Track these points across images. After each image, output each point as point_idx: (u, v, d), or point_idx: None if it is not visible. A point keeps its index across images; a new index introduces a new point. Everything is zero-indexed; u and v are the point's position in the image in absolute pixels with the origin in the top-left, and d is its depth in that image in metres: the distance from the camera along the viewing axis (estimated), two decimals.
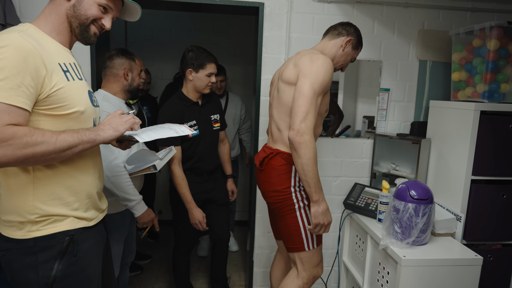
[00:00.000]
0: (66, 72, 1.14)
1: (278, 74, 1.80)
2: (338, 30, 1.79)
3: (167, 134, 1.27)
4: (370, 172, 2.50)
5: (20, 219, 1.12)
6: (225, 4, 2.26)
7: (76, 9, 1.17)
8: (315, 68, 1.56)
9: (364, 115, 2.49)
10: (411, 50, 2.44)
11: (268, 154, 1.71)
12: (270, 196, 1.72)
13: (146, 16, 3.83)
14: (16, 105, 0.99)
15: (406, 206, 1.78)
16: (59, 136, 1.06)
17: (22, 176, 1.11)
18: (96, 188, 1.29)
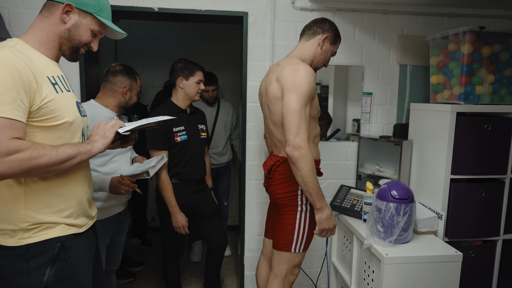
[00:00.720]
0: (54, 84, 1.19)
1: (265, 86, 1.83)
2: (313, 29, 1.80)
3: (147, 121, 1.37)
4: (355, 174, 2.57)
5: (12, 227, 1.16)
6: (210, 14, 2.33)
7: (71, 33, 1.24)
8: (297, 80, 1.58)
9: (353, 118, 2.56)
10: (391, 55, 2.52)
11: (275, 162, 1.78)
12: (278, 198, 1.80)
13: (135, 25, 3.89)
14: (15, 118, 1.05)
15: (387, 206, 1.84)
16: (59, 148, 1.13)
17: (15, 188, 1.16)
18: (86, 195, 1.33)
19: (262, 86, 1.88)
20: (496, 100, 2.11)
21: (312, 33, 1.80)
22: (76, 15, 1.24)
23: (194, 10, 2.32)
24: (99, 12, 1.27)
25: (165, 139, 2.17)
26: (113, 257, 2.10)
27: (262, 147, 2.48)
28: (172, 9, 2.30)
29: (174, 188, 2.23)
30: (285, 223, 1.79)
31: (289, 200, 1.77)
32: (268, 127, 1.85)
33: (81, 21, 1.25)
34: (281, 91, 1.63)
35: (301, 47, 1.83)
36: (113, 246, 2.06)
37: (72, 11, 1.23)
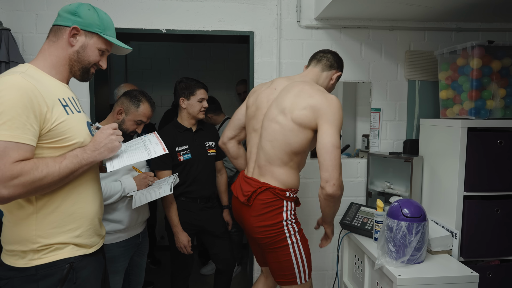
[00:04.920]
0: (65, 106, 1.21)
1: (267, 100, 1.69)
2: (330, 61, 1.77)
3: (140, 157, 1.29)
4: (365, 191, 2.52)
5: (22, 249, 1.17)
6: (217, 34, 2.36)
7: (80, 55, 1.27)
8: (337, 113, 1.53)
9: (363, 133, 2.54)
10: (399, 71, 2.51)
11: (256, 188, 1.63)
12: (259, 231, 1.64)
13: (145, 46, 3.97)
14: (24, 142, 1.07)
15: (399, 225, 1.80)
16: (61, 164, 1.14)
17: (26, 207, 1.17)
18: (97, 214, 1.33)
19: (263, 100, 1.71)
20: (509, 114, 2.06)
21: (330, 65, 1.77)
22: (82, 37, 1.26)
23: (201, 31, 2.36)
24: (104, 31, 1.29)
25: (168, 159, 2.17)
26: (136, 280, 2.06)
27: None
28: (179, 30, 2.34)
29: (181, 205, 2.21)
30: (280, 260, 1.66)
31: (275, 234, 1.62)
32: (259, 144, 1.67)
33: (88, 41, 1.27)
34: (315, 120, 1.53)
35: (316, 73, 1.77)
36: (135, 269, 2.03)
37: (79, 34, 1.25)
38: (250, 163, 1.74)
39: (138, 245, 1.98)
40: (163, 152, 1.32)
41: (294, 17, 2.40)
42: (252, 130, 1.73)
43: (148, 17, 2.32)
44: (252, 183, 1.66)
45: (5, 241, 1.21)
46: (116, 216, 1.81)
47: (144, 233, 2.03)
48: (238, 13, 2.37)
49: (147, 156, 1.29)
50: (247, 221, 1.68)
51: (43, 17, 2.25)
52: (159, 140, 1.38)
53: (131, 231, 1.90)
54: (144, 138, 1.43)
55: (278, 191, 1.62)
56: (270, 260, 1.70)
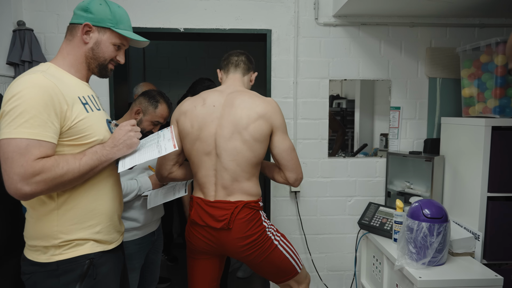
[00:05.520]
0: (85, 104, 1.23)
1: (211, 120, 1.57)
2: (247, 64, 1.75)
3: (150, 155, 1.26)
4: (384, 191, 2.48)
5: (44, 244, 1.19)
6: (234, 32, 2.36)
7: (95, 52, 1.28)
8: (281, 116, 1.62)
9: (381, 132, 2.49)
10: (419, 68, 2.45)
11: (233, 209, 1.55)
12: (246, 249, 1.58)
13: (163, 46, 4.01)
14: (46, 140, 1.09)
15: (420, 226, 1.76)
16: (81, 160, 1.15)
17: (48, 203, 1.19)
18: (117, 211, 1.35)
19: (205, 118, 1.58)
20: None
21: (248, 68, 1.75)
22: (95, 33, 1.26)
23: (218, 29, 2.36)
24: (116, 25, 1.28)
25: None
26: (152, 277, 2.09)
27: None
28: (197, 29, 2.35)
29: None
30: (277, 263, 1.64)
31: (262, 244, 1.59)
32: (214, 166, 1.57)
33: (101, 37, 1.27)
34: (269, 129, 1.57)
35: (240, 79, 1.72)
36: (150, 266, 2.05)
37: (91, 30, 1.25)
38: (207, 187, 1.60)
39: (154, 243, 2.00)
40: (173, 149, 1.28)
41: (312, 14, 2.37)
42: (202, 154, 1.58)
43: (166, 16, 2.33)
44: (223, 206, 1.57)
45: (27, 237, 1.23)
46: (132, 214, 1.83)
47: (159, 230, 2.05)
48: (255, 11, 2.36)
49: (158, 154, 1.27)
50: (229, 244, 1.58)
51: (64, 17, 2.29)
52: (172, 136, 1.35)
53: (147, 229, 1.92)
54: (160, 133, 1.42)
55: (253, 204, 1.60)
56: (266, 269, 1.66)
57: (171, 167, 1.66)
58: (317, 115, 2.43)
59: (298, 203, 2.47)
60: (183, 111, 1.65)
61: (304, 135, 2.44)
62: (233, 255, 1.62)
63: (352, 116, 2.49)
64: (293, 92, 2.41)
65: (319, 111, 2.43)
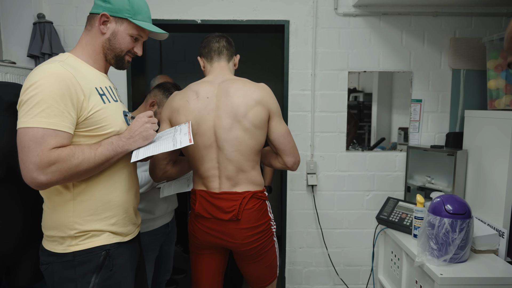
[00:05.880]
0: (102, 95, 1.22)
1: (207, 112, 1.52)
2: (229, 49, 1.67)
3: (165, 147, 1.24)
4: (404, 185, 2.43)
5: (61, 234, 1.19)
6: (251, 23, 2.33)
7: (112, 43, 1.26)
8: (275, 100, 1.59)
9: (399, 126, 2.43)
10: (443, 59, 2.37)
11: (241, 199, 1.52)
12: (253, 240, 1.55)
13: (179, 38, 4.01)
14: (62, 130, 1.09)
15: (441, 221, 1.71)
16: (97, 151, 1.15)
17: (64, 193, 1.19)
18: (132, 203, 1.34)
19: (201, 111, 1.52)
20: None
21: (231, 53, 1.68)
22: (113, 24, 1.25)
23: (235, 21, 2.33)
24: (134, 16, 1.26)
25: None
26: (165, 268, 2.11)
27: (304, 157, 2.41)
28: (214, 20, 2.33)
29: None
30: (269, 263, 1.62)
31: (266, 238, 1.59)
32: (217, 159, 1.53)
33: (118, 28, 1.26)
34: (267, 115, 1.54)
35: (225, 66, 1.66)
36: (163, 258, 2.07)
37: (109, 20, 1.24)
38: (211, 180, 1.55)
39: (167, 234, 2.01)
40: (188, 143, 1.25)
41: (331, 4, 2.32)
42: (203, 148, 1.53)
43: (183, 8, 2.32)
44: (230, 197, 1.53)
45: (45, 227, 1.24)
46: (146, 205, 1.84)
47: (172, 222, 2.07)
48: (273, 1, 2.32)
49: (172, 146, 1.24)
50: (236, 236, 1.54)
51: (83, 9, 2.30)
52: (189, 131, 1.34)
53: (161, 220, 1.93)
54: (177, 128, 1.41)
55: (259, 194, 1.59)
56: (257, 269, 1.62)
57: (165, 166, 1.59)
58: (335, 108, 2.39)
59: (314, 197, 2.44)
60: (175, 108, 1.55)
61: (321, 128, 2.40)
62: (238, 247, 1.56)
63: (369, 109, 2.43)
64: (311, 84, 2.37)
65: (337, 103, 2.39)
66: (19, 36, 2.23)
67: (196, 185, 1.63)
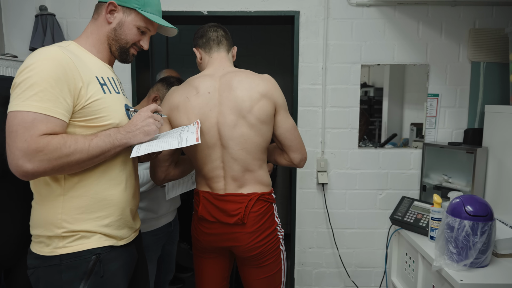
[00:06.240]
0: (103, 85, 1.14)
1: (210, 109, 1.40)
2: (228, 40, 1.54)
3: (169, 145, 1.15)
4: (419, 184, 2.32)
5: (48, 233, 1.09)
6: (259, 15, 2.24)
7: (117, 33, 1.20)
8: (281, 93, 1.48)
9: (411, 122, 2.33)
10: (461, 52, 2.25)
11: (247, 202, 1.42)
12: (258, 245, 1.45)
13: (186, 31, 3.92)
14: (54, 116, 1.01)
15: (461, 224, 1.61)
16: (92, 141, 1.06)
17: (53, 186, 1.10)
18: (129, 205, 1.24)
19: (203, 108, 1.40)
20: None
21: (230, 43, 1.55)
22: (120, 13, 1.19)
23: (243, 12, 2.24)
24: (143, 7, 1.20)
25: None
26: (168, 268, 2.05)
27: (315, 154, 2.32)
28: (221, 11, 2.24)
29: None
30: (273, 272, 1.50)
31: (272, 244, 1.47)
32: (221, 158, 1.43)
33: (125, 18, 1.19)
34: (273, 109, 1.43)
35: (225, 57, 1.52)
36: (166, 257, 2.01)
37: (116, 10, 1.18)
38: (216, 181, 1.46)
39: (170, 233, 1.95)
40: (195, 142, 1.16)
41: None
42: (206, 148, 1.42)
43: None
44: (235, 199, 1.43)
45: (32, 225, 1.14)
46: (148, 204, 1.77)
47: (175, 221, 2.00)
48: None
49: (177, 144, 1.15)
50: (241, 240, 1.44)
51: (86, 2, 2.23)
52: (197, 130, 1.25)
53: (163, 219, 1.86)
54: (185, 127, 1.33)
55: (267, 196, 1.48)
56: (257, 276, 1.50)
57: (167, 168, 1.48)
58: (347, 102, 2.29)
59: (325, 196, 2.35)
60: (174, 105, 1.43)
61: (333, 124, 2.30)
62: (242, 251, 1.46)
63: (380, 105, 2.33)
64: (322, 78, 2.27)
65: (349, 98, 2.29)
66: (21, 29, 2.17)
67: (199, 185, 1.53)
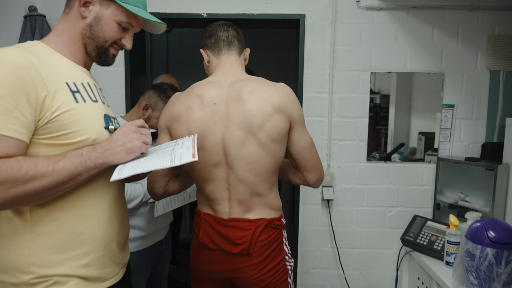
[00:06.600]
0: (75, 92, 0.94)
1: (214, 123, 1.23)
2: (241, 41, 1.38)
3: (159, 164, 0.96)
4: (433, 202, 2.15)
5: (12, 280, 0.89)
6: (262, 18, 2.09)
7: (93, 30, 1.00)
8: (298, 105, 1.29)
9: (419, 131, 2.17)
10: (479, 60, 2.09)
11: (253, 229, 1.25)
12: (264, 279, 1.28)
13: (187, 35, 3.80)
14: (7, 135, 0.80)
15: (483, 251, 1.44)
16: (57, 164, 0.85)
17: (16, 222, 0.89)
18: (116, 237, 1.03)
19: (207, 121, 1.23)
20: None
21: (242, 45, 1.39)
22: (96, 6, 1.00)
23: (245, 15, 2.10)
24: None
25: None
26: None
27: None
28: (221, 14, 2.10)
29: None
30: None
31: (279, 277, 1.30)
32: (226, 179, 1.26)
33: (103, 12, 1.00)
34: (288, 125, 1.25)
35: (236, 60, 1.35)
36: (157, 278, 1.83)
37: (92, 2, 0.99)
38: (219, 203, 1.29)
39: (161, 252, 1.78)
40: (191, 159, 0.96)
41: None
42: (209, 166, 1.25)
43: (188, 0, 2.10)
44: (241, 225, 1.26)
45: None
46: (136, 221, 1.60)
47: (167, 238, 1.83)
48: None
49: (169, 163, 0.96)
50: (243, 271, 1.27)
51: None
52: (193, 144, 1.06)
53: (154, 238, 1.69)
54: (178, 141, 1.14)
55: (276, 222, 1.31)
56: None
57: (167, 184, 1.31)
58: (356, 113, 2.13)
59: (330, 212, 2.19)
60: (175, 115, 1.26)
61: (339, 135, 2.15)
62: (246, 285, 1.29)
63: (386, 112, 2.17)
64: (329, 86, 2.11)
65: (357, 108, 2.13)
66: (9, 30, 2.04)
67: (201, 205, 1.36)
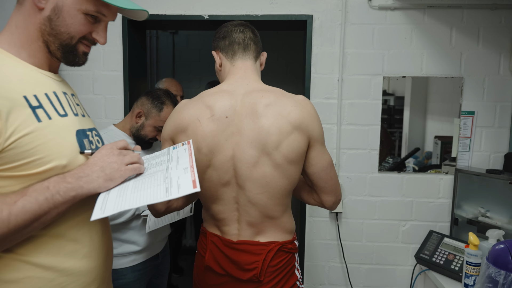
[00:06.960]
0: (36, 108, 0.77)
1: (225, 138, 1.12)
2: (257, 44, 1.25)
3: (151, 197, 0.77)
4: (450, 216, 2.00)
5: None
6: (268, 19, 1.98)
7: (54, 24, 0.81)
8: (318, 122, 1.17)
9: (435, 134, 2.02)
10: (502, 63, 1.93)
11: (265, 254, 1.15)
12: None
13: (193, 37, 3.72)
14: None
15: (508, 278, 1.29)
16: (14, 206, 0.69)
17: None
18: (100, 274, 0.90)
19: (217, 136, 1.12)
20: None
21: (259, 49, 1.26)
22: None
23: (249, 16, 1.99)
24: None
25: None
26: None
27: None
28: (224, 15, 1.99)
29: None
30: None
31: None
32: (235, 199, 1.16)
33: (63, 1, 0.80)
34: (306, 144, 1.14)
35: (252, 66, 1.22)
36: None
37: None
38: (228, 224, 1.19)
39: (157, 267, 1.68)
40: (191, 190, 0.77)
41: None
42: (218, 185, 1.15)
43: (189, 2, 2.00)
44: (251, 249, 1.16)
45: None
46: (130, 236, 1.51)
47: (164, 251, 1.73)
48: None
49: (164, 196, 0.77)
50: None
51: None
52: (191, 162, 0.85)
53: (149, 252, 1.59)
54: (171, 152, 0.96)
55: (289, 246, 1.21)
56: None
57: (169, 201, 1.20)
58: (367, 120, 2.00)
59: (339, 226, 2.05)
60: (182, 127, 1.14)
61: (349, 144, 2.01)
62: None
63: (400, 114, 2.04)
64: (338, 91, 1.98)
65: (369, 115, 1.99)
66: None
67: (207, 224, 1.25)
